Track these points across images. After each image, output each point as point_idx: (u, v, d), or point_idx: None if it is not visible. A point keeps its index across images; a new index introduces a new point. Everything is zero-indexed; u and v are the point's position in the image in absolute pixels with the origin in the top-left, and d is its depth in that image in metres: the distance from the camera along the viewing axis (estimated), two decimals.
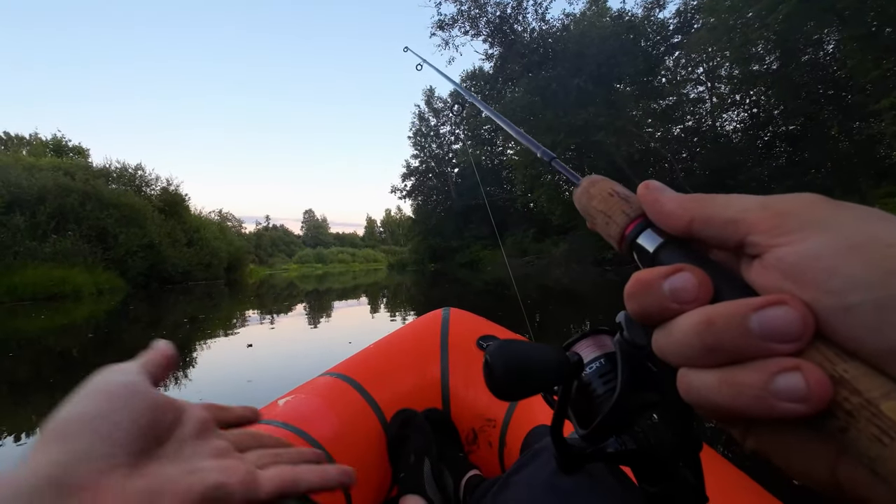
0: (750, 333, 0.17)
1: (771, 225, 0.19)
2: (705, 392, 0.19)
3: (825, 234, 0.17)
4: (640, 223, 0.24)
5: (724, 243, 0.21)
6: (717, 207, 0.21)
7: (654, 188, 0.24)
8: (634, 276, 0.21)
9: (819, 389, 0.16)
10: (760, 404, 0.17)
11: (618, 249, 0.26)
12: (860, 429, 0.15)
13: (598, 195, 0.27)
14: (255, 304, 9.37)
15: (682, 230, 0.22)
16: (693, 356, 0.19)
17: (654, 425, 0.26)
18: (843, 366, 0.16)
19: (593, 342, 0.30)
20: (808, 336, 0.17)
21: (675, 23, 19.39)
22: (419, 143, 36.85)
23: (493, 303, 7.33)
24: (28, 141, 26.97)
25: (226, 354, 4.07)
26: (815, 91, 14.08)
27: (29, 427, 2.27)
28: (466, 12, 22.94)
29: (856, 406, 0.15)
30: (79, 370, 3.58)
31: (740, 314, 0.17)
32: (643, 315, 0.21)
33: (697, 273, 0.20)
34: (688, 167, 18.73)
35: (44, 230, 13.47)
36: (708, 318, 0.18)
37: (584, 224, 0.29)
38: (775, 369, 0.17)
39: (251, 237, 63.49)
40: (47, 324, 6.62)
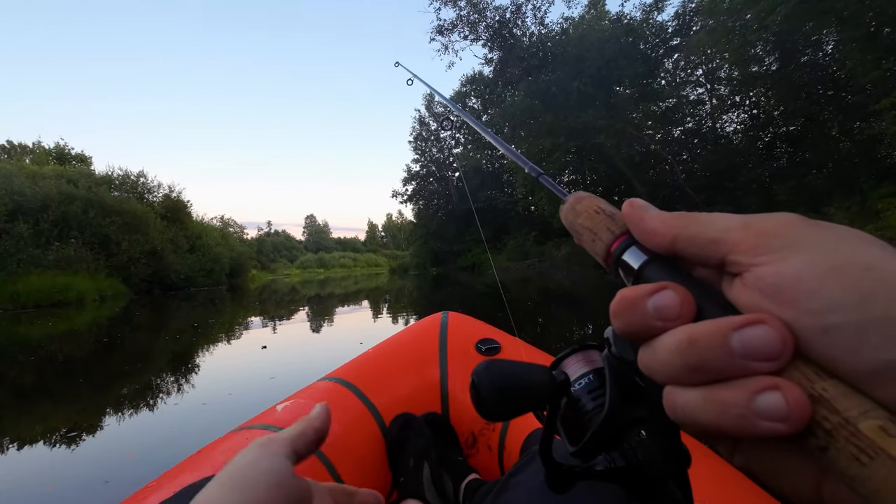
0: (731, 353, 0.17)
1: (752, 244, 0.19)
2: (690, 411, 0.19)
3: (805, 255, 0.17)
4: (625, 240, 0.24)
5: (707, 261, 0.21)
6: (700, 226, 0.21)
7: (638, 206, 0.24)
8: (619, 293, 0.22)
9: (798, 409, 0.16)
10: (743, 423, 0.17)
11: (604, 266, 0.26)
12: (839, 448, 0.15)
13: (584, 212, 0.27)
14: (259, 309, 9.38)
15: (665, 248, 0.22)
16: (677, 374, 0.19)
17: (642, 441, 0.26)
18: (822, 384, 0.16)
19: (582, 357, 0.31)
20: (788, 355, 0.17)
21: (673, 25, 19.45)
22: (420, 148, 36.95)
23: (494, 306, 7.33)
24: (31, 149, 27.13)
25: (243, 355, 4.25)
26: (815, 92, 14.07)
27: (32, 435, 2.28)
28: (466, 17, 23.06)
29: (835, 425, 0.15)
30: (82, 377, 3.59)
31: (721, 333, 0.18)
32: (629, 332, 0.21)
33: (680, 291, 0.20)
34: (688, 169, 18.72)
35: (47, 238, 13.53)
36: (690, 337, 0.19)
37: None
38: (756, 388, 0.17)
39: (253, 243, 63.59)
40: (51, 330, 6.64)
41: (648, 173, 19.35)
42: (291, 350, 4.43)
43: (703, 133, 19.24)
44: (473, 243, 29.11)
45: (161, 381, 3.38)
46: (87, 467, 1.89)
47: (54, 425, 2.40)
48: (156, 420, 2.44)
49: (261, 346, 4.46)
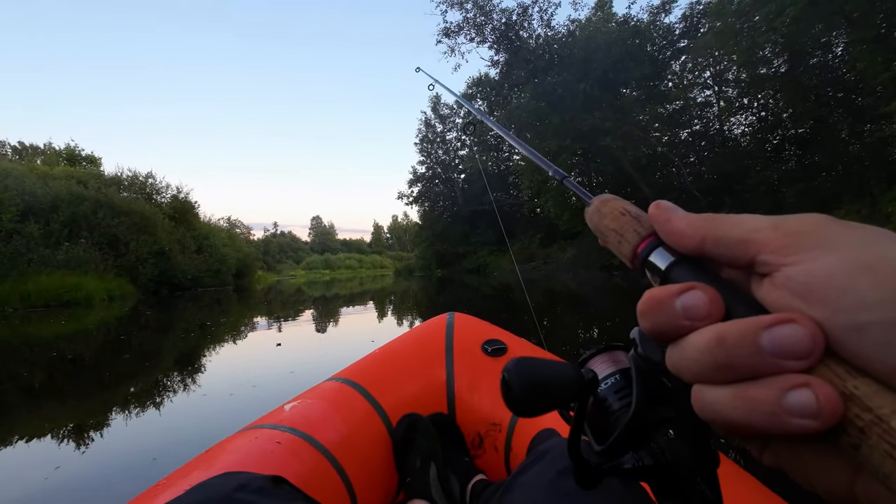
0: (761, 351, 0.17)
1: (781, 244, 0.19)
2: (719, 408, 0.19)
3: (835, 254, 0.17)
4: (652, 241, 0.24)
5: (735, 262, 0.21)
6: (728, 227, 0.21)
7: (665, 208, 0.24)
8: (647, 293, 0.22)
9: (829, 405, 0.16)
10: (773, 420, 0.17)
11: (630, 267, 0.26)
12: (872, 445, 0.15)
13: (610, 214, 0.27)
14: (267, 309, 9.43)
15: (693, 249, 0.22)
16: (706, 373, 0.19)
17: (670, 441, 0.26)
18: (854, 382, 0.16)
19: (608, 358, 0.31)
20: (818, 353, 0.17)
21: (681, 27, 19.37)
22: (425, 150, 37.03)
23: (500, 308, 7.32)
24: (42, 150, 27.46)
25: (260, 352, 4.43)
26: (825, 94, 13.94)
27: (41, 433, 2.30)
28: (472, 20, 23.07)
29: (867, 422, 0.15)
30: (91, 376, 3.63)
31: (751, 332, 0.18)
32: (656, 332, 0.21)
33: (709, 291, 0.20)
34: (696, 171, 18.61)
35: (57, 238, 13.66)
36: (719, 336, 0.19)
37: (590, 230, 0.30)
38: (786, 386, 0.17)
39: (259, 244, 63.94)
40: (60, 330, 6.71)
41: (655, 175, 19.27)
42: (306, 347, 4.59)
43: (710, 135, 19.12)
44: (478, 245, 29.10)
45: (186, 375, 3.55)
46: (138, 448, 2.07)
47: (96, 416, 2.43)
48: (192, 407, 2.68)
49: (276, 343, 4.64)
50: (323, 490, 0.80)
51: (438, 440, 1.03)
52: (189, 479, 0.69)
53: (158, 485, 0.70)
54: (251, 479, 0.59)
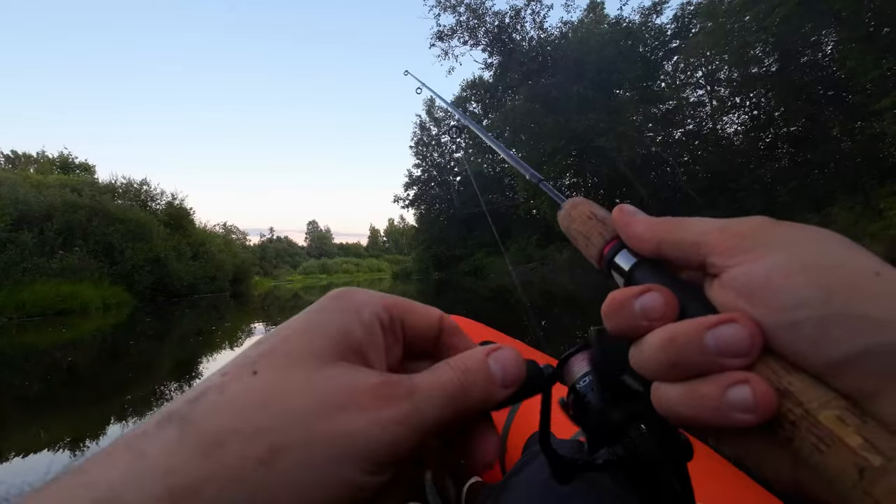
0: (706, 350, 0.19)
1: (727, 246, 0.20)
2: (672, 405, 0.20)
3: (775, 254, 0.19)
4: (616, 244, 0.25)
5: (689, 264, 0.22)
6: (682, 231, 0.22)
7: (626, 212, 0.25)
8: (610, 295, 0.23)
9: (764, 401, 0.17)
10: (718, 415, 0.18)
11: (598, 268, 0.27)
12: (802, 438, 0.17)
13: (578, 218, 0.28)
14: (265, 315, 9.40)
15: (652, 251, 0.24)
16: (661, 371, 0.21)
17: (642, 434, 0.27)
18: (789, 378, 0.17)
19: (588, 355, 0.32)
20: (757, 351, 0.18)
21: (672, 28, 19.50)
22: (421, 153, 37.05)
23: (498, 310, 7.32)
24: (35, 159, 27.39)
25: None
26: (816, 92, 14.06)
27: (37, 443, 2.29)
28: (465, 23, 23.16)
29: (798, 416, 0.17)
30: (87, 384, 3.61)
31: (697, 332, 0.19)
32: (619, 332, 0.23)
33: (665, 292, 0.21)
34: (690, 170, 18.71)
35: (51, 246, 13.58)
36: (671, 336, 0.20)
37: None
38: (728, 382, 0.18)
39: (255, 249, 63.73)
40: (56, 339, 6.67)
41: (650, 175, 19.35)
42: None
43: (703, 135, 19.24)
44: (475, 247, 29.09)
45: (185, 383, 3.56)
46: None
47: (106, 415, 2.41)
48: None
49: None
50: None
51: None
52: None
53: None
54: None
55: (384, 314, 0.23)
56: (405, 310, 0.24)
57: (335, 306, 0.22)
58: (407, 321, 0.24)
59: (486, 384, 0.22)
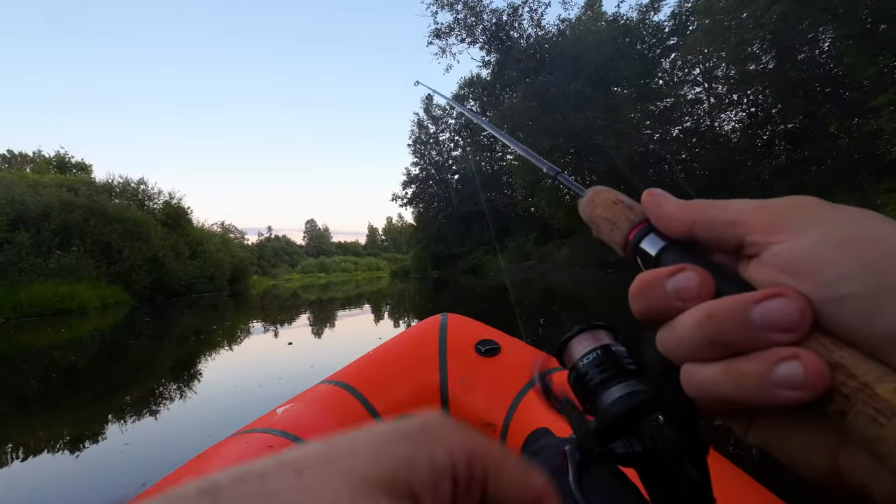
0: (751, 325, 0.18)
1: (768, 223, 0.20)
2: (708, 385, 0.19)
3: (818, 230, 0.18)
4: (644, 228, 0.25)
5: (724, 244, 0.22)
6: (717, 210, 0.22)
7: (657, 194, 0.25)
8: (639, 277, 0.22)
9: (817, 376, 0.17)
10: (761, 393, 0.17)
11: (622, 254, 0.26)
12: (857, 411, 0.16)
13: (602, 203, 0.28)
14: (265, 314, 9.39)
15: (683, 233, 0.23)
16: (696, 350, 0.20)
17: (659, 426, 0.26)
18: (840, 353, 0.17)
19: (590, 335, 0.31)
20: (807, 326, 0.17)
21: (670, 25, 19.51)
22: (419, 151, 37.01)
23: (497, 308, 7.33)
24: (32, 158, 27.28)
25: (275, 351, 4.76)
26: (813, 89, 14.09)
27: (36, 444, 2.28)
28: (462, 20, 23.14)
29: (852, 389, 0.16)
30: (85, 385, 3.60)
31: (741, 307, 0.18)
32: (648, 314, 0.22)
33: (699, 271, 0.21)
34: (687, 168, 18.74)
35: (48, 246, 13.53)
36: (710, 312, 0.19)
37: (586, 227, 0.31)
38: (775, 358, 0.17)
39: (254, 248, 63.62)
40: (54, 339, 6.65)
41: (648, 173, 19.37)
42: (317, 345, 4.96)
43: (701, 132, 19.26)
44: (474, 246, 29.10)
45: (212, 370, 3.86)
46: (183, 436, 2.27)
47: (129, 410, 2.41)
48: (236, 391, 3.09)
49: (287, 342, 5.00)
50: None
51: None
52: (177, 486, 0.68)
53: (148, 492, 0.70)
54: None
55: (463, 466, 0.15)
56: (495, 464, 0.16)
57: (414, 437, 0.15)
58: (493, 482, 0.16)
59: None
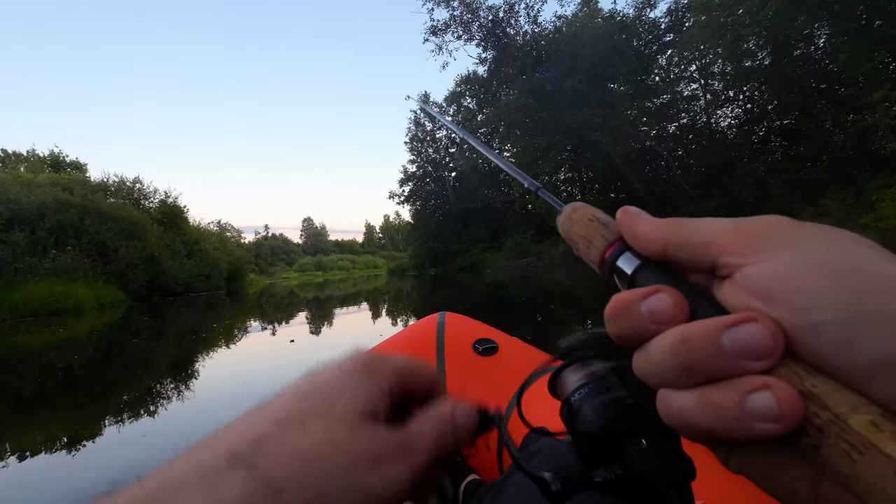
0: (723, 351, 0.17)
1: (741, 246, 0.19)
2: (686, 414, 0.19)
3: (792, 254, 0.18)
4: (619, 246, 0.25)
5: (698, 265, 0.21)
6: (690, 230, 0.21)
7: (631, 213, 0.25)
8: (613, 298, 0.22)
9: (790, 407, 0.16)
10: (737, 426, 0.17)
11: (599, 272, 0.26)
12: (831, 445, 0.15)
13: (579, 221, 0.28)
14: (264, 312, 9.38)
15: (657, 253, 0.23)
16: (670, 376, 0.19)
17: (642, 451, 0.26)
18: (812, 381, 0.16)
19: (581, 367, 0.32)
20: (779, 353, 0.17)
21: (666, 22, 19.51)
22: (416, 148, 36.95)
23: (494, 305, 7.35)
24: (26, 157, 27.07)
25: (278, 348, 4.83)
26: (809, 85, 14.14)
27: (33, 445, 2.28)
28: (459, 17, 23.06)
29: (825, 421, 0.15)
30: (82, 385, 3.59)
31: (713, 331, 0.18)
32: (623, 337, 0.22)
33: (673, 293, 0.20)
34: (684, 164, 18.79)
35: (44, 246, 13.45)
36: (683, 337, 0.19)
37: None
38: (747, 388, 0.17)
39: (251, 247, 63.53)
40: (50, 339, 6.63)
41: (644, 169, 19.42)
42: (319, 342, 5.03)
43: (697, 128, 19.32)
44: (471, 243, 29.11)
45: (218, 367, 3.92)
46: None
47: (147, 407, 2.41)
48: (244, 385, 3.12)
49: (289, 340, 5.12)
50: None
51: None
52: None
53: None
54: None
55: (395, 384, 0.25)
56: (411, 377, 0.27)
57: (363, 373, 0.24)
58: (408, 385, 0.27)
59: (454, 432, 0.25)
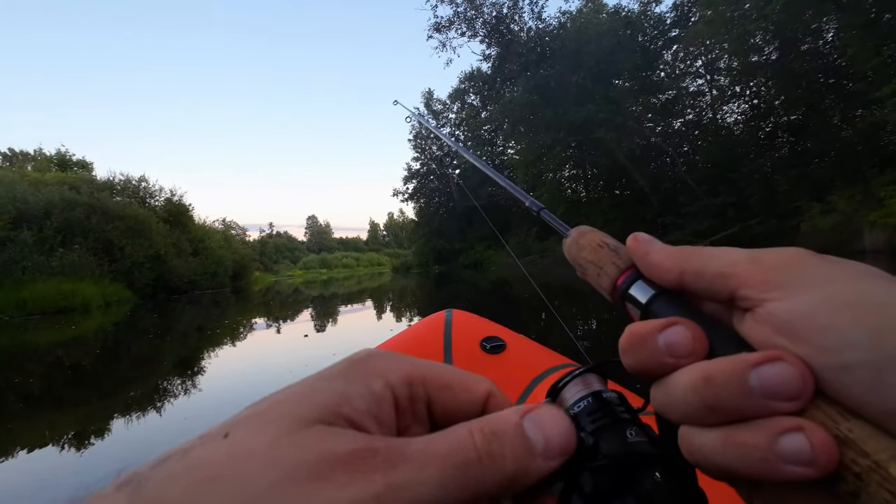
0: (750, 392, 0.17)
1: (761, 279, 0.19)
2: (710, 454, 0.18)
3: (815, 290, 0.17)
4: (631, 274, 0.24)
5: (716, 296, 0.20)
6: (706, 259, 0.21)
7: (643, 241, 0.24)
8: (628, 329, 0.21)
9: (824, 452, 0.15)
10: (767, 467, 0.16)
11: (610, 300, 0.25)
12: (871, 493, 0.15)
13: (588, 246, 0.27)
14: (271, 310, 9.43)
15: (672, 282, 0.22)
16: (693, 414, 0.19)
17: (657, 484, 0.24)
18: (847, 425, 0.15)
19: (580, 381, 0.31)
20: (809, 393, 0.16)
21: (672, 17, 19.37)
22: (419, 146, 36.94)
23: (498, 302, 7.34)
24: (33, 156, 27.25)
25: (293, 342, 4.89)
26: (816, 80, 13.99)
27: (41, 440, 2.30)
28: (462, 14, 23.00)
29: (864, 469, 0.15)
30: (89, 382, 3.62)
31: (738, 371, 0.17)
32: (639, 369, 0.21)
33: (692, 327, 0.19)
34: (689, 160, 18.66)
35: (51, 244, 13.56)
36: (706, 375, 0.18)
37: (586, 222, 0.30)
38: (779, 429, 0.16)
39: (255, 245, 63.64)
40: (58, 337, 6.69)
41: (650, 166, 19.30)
42: (332, 337, 5.14)
43: (703, 124, 19.18)
44: (475, 241, 29.10)
45: (238, 359, 4.07)
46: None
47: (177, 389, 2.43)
48: (265, 374, 3.24)
49: (302, 335, 5.22)
50: None
51: None
52: None
53: None
54: None
55: (403, 389, 0.19)
56: (439, 385, 0.20)
57: (344, 373, 0.19)
58: (438, 399, 0.20)
59: (520, 454, 0.17)
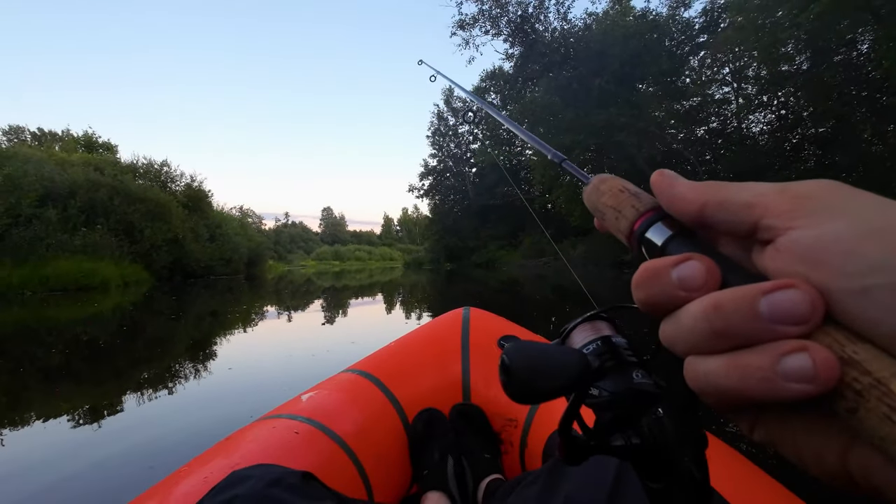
0: (759, 316, 0.17)
1: (788, 207, 0.19)
2: (713, 378, 0.19)
3: (843, 218, 0.17)
4: (650, 217, 0.24)
5: (737, 228, 0.21)
6: (732, 191, 0.21)
7: (667, 175, 0.24)
8: (643, 265, 0.21)
9: (826, 369, 0.16)
10: (767, 386, 0.17)
11: (626, 244, 0.26)
12: (870, 408, 0.15)
13: (608, 191, 0.27)
14: (278, 298, 9.53)
15: (694, 214, 0.22)
16: (701, 342, 0.19)
17: (659, 419, 0.25)
18: (853, 347, 0.16)
19: (589, 326, 0.31)
20: (817, 318, 0.17)
21: (700, 22, 19.00)
22: (437, 143, 36.94)
23: (509, 302, 7.31)
24: (60, 137, 27.90)
25: (311, 330, 4.98)
26: (848, 92, 13.58)
27: (57, 411, 2.36)
28: (487, 12, 22.89)
29: (865, 386, 0.15)
30: (106, 359, 3.70)
31: (749, 297, 0.17)
32: (650, 304, 0.21)
33: (706, 261, 0.20)
34: (711, 169, 18.30)
35: (74, 223, 13.90)
36: (716, 303, 0.18)
37: None
38: (783, 350, 0.17)
39: (271, 233, 64.55)
40: (77, 314, 6.85)
41: None
42: (349, 327, 5.24)
43: (727, 133, 18.78)
44: (488, 240, 29.05)
45: (262, 343, 4.21)
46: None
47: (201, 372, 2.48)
48: (291, 359, 3.39)
49: (320, 323, 5.37)
50: (340, 480, 0.80)
51: (465, 431, 1.04)
52: (209, 466, 0.69)
53: (179, 472, 0.70)
54: (284, 475, 0.59)
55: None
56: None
57: None
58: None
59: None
